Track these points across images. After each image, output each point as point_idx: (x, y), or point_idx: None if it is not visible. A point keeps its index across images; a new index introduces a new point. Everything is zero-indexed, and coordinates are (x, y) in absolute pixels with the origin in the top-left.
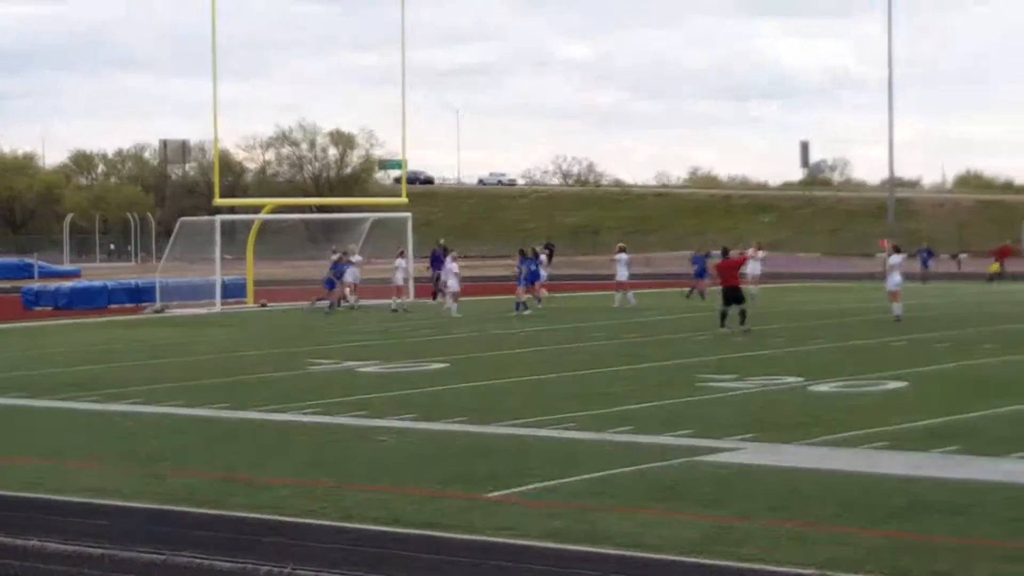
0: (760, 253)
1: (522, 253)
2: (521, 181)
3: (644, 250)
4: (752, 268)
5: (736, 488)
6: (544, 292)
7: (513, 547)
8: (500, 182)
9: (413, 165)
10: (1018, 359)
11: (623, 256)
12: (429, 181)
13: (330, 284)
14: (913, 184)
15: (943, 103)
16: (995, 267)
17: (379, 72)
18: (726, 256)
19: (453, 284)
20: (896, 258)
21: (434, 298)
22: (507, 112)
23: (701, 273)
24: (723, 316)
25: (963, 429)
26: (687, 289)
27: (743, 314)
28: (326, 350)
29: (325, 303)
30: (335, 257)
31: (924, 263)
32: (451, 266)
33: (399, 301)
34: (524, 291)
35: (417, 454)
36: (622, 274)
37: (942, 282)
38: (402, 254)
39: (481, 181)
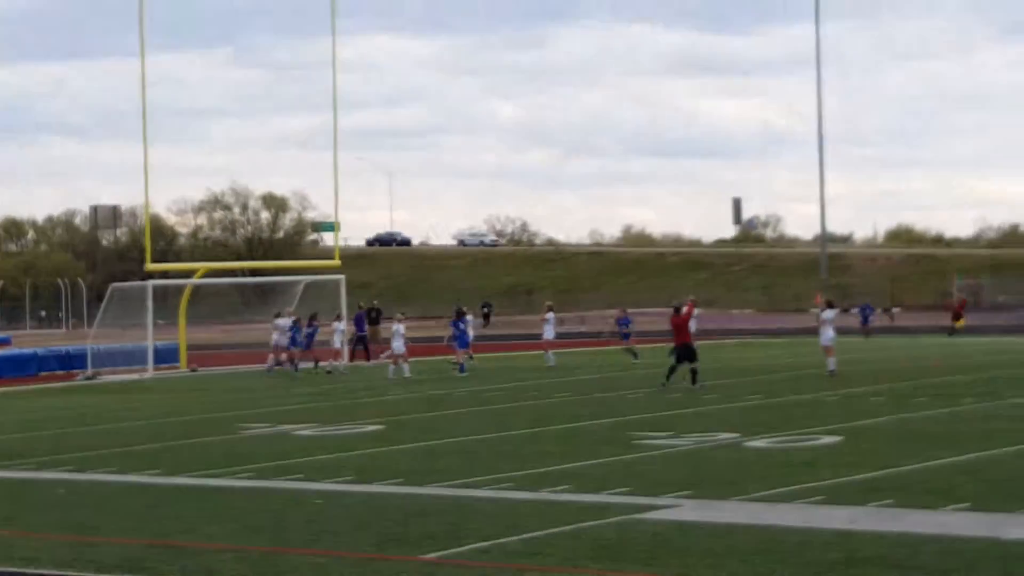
0: (694, 311)
1: (458, 314)
2: (454, 242)
3: (578, 309)
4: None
5: (673, 545)
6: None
7: None
8: (482, 243)
9: (352, 228)
10: (951, 411)
11: (551, 315)
12: (406, 243)
13: (292, 343)
14: (845, 239)
15: (874, 158)
16: (961, 322)
17: (311, 135)
18: (678, 313)
19: (399, 346)
20: (829, 313)
21: (367, 359)
22: (440, 173)
23: (627, 334)
24: (672, 371)
25: (898, 482)
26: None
27: (694, 372)
28: (260, 414)
29: (326, 364)
30: (285, 321)
31: (865, 319)
32: (398, 328)
33: (335, 364)
34: (464, 353)
35: (353, 517)
36: (549, 333)
37: (881, 336)
38: (339, 317)
39: (462, 242)
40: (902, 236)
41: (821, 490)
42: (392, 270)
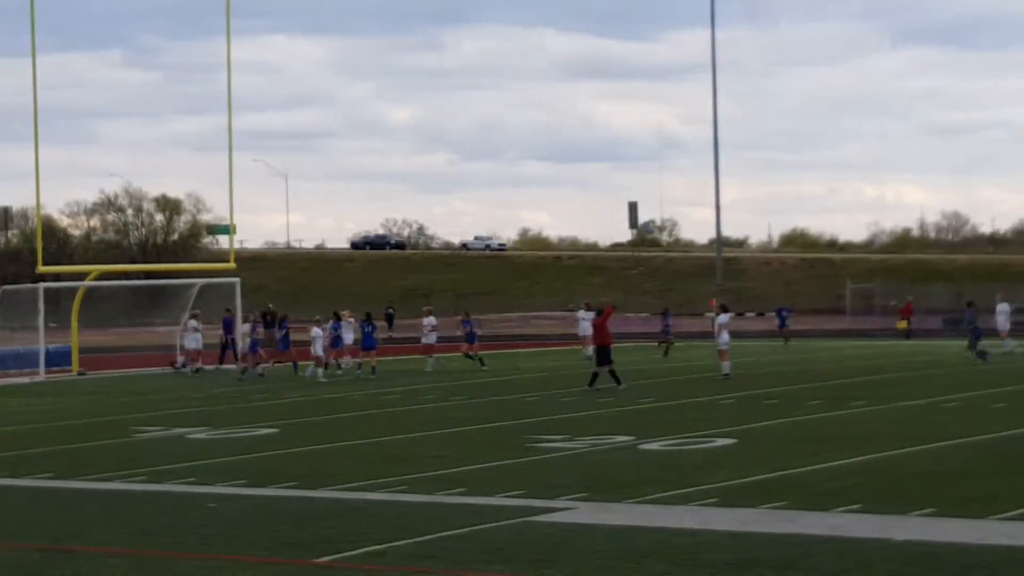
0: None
1: (336, 316)
2: (347, 246)
3: (475, 313)
4: (584, 329)
5: (567, 548)
6: (347, 358)
7: None
8: (488, 247)
9: (247, 231)
10: (842, 414)
11: (431, 320)
12: (400, 246)
13: (254, 347)
14: (740, 243)
15: (769, 163)
16: (903, 324)
17: (206, 137)
18: (599, 315)
19: (318, 348)
20: (724, 317)
21: (220, 363)
22: (336, 176)
23: (472, 337)
24: (613, 375)
25: (791, 484)
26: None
27: (595, 376)
28: (154, 417)
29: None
30: (195, 323)
31: (782, 322)
32: (317, 331)
33: (243, 366)
34: (365, 355)
35: (247, 520)
36: (429, 338)
37: (780, 340)
38: (246, 319)
39: (464, 246)
40: (796, 240)
41: (715, 492)
42: (287, 272)
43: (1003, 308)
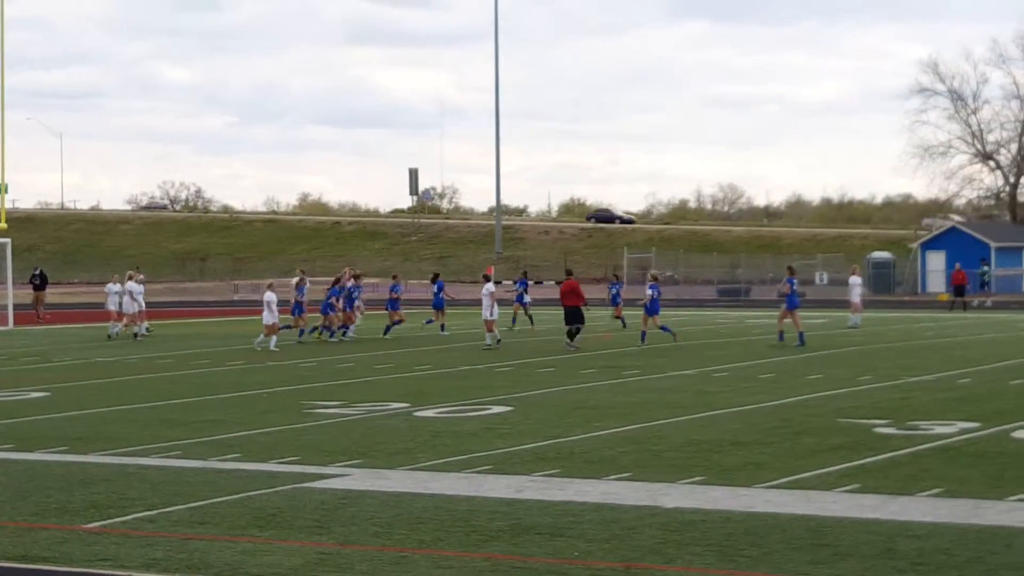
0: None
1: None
2: (128, 207)
3: (253, 277)
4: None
5: (340, 514)
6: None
7: None
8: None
9: (20, 190)
10: (615, 383)
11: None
12: (630, 221)
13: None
14: (520, 212)
15: (550, 132)
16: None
17: None
18: (567, 277)
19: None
20: (490, 287)
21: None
22: (113, 136)
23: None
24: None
25: (564, 452)
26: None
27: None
28: None
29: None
30: (115, 286)
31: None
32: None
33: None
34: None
35: (13, 486)
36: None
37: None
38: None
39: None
40: (575, 210)
41: (489, 459)
42: (60, 234)
43: (855, 281)
